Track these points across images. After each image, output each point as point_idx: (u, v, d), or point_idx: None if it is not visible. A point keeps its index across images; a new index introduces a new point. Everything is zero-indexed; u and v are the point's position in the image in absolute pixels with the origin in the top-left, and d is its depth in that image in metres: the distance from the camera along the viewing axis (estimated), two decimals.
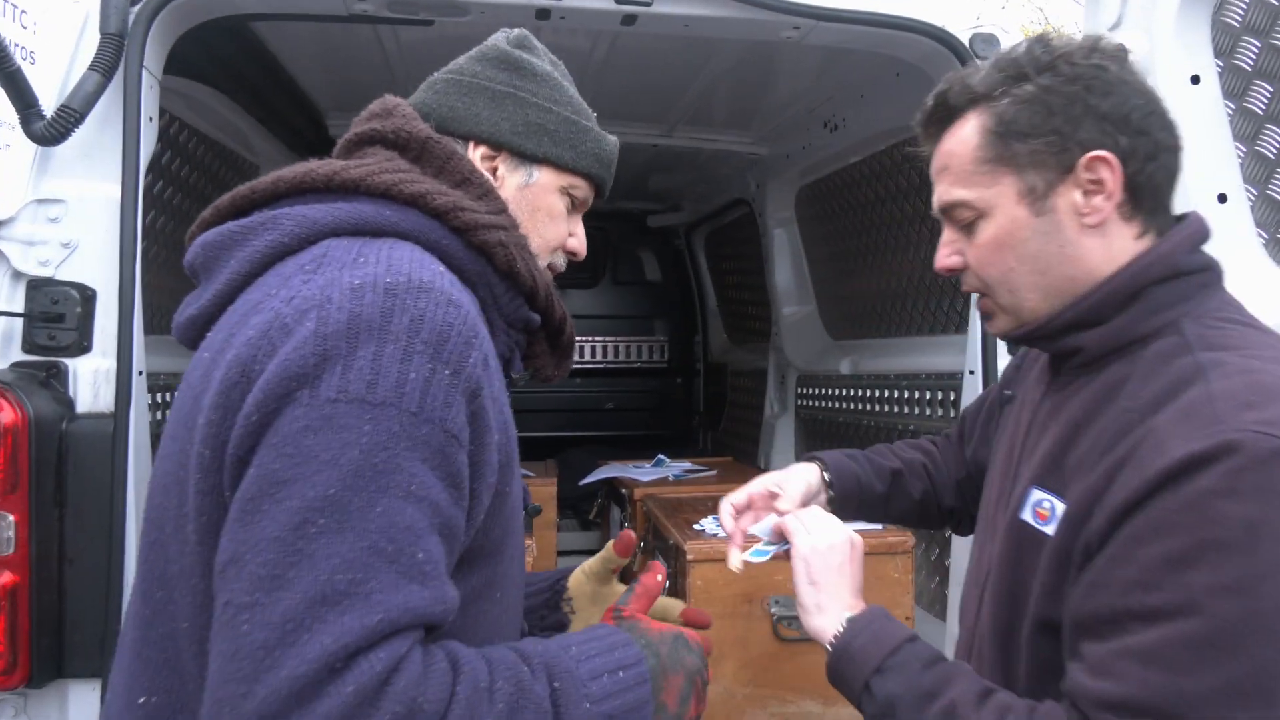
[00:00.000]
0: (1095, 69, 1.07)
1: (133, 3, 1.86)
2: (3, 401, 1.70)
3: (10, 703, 1.82)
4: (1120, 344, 1.09)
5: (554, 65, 1.26)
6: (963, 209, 1.14)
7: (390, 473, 0.86)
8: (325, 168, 1.05)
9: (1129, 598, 0.93)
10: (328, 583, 0.81)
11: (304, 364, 0.86)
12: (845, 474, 1.52)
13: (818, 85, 3.07)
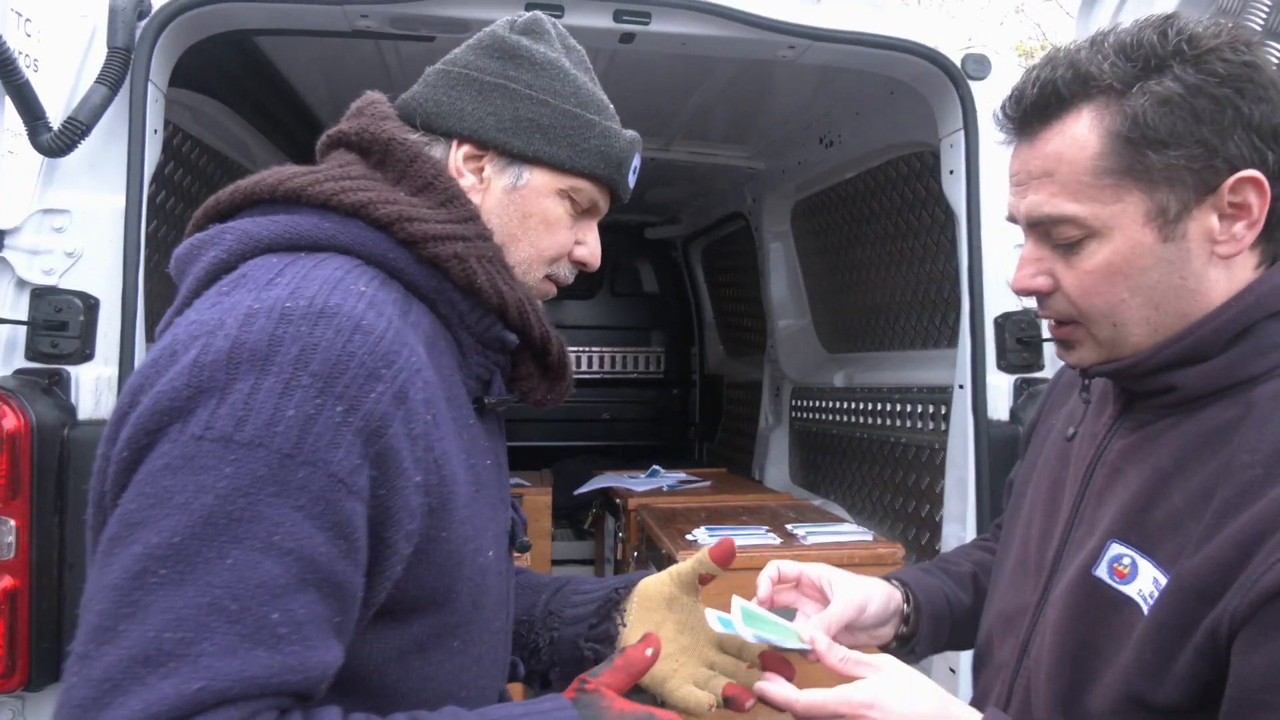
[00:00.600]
0: (1247, 68, 0.89)
1: (139, 17, 1.89)
2: (5, 408, 1.72)
3: (8, 705, 1.83)
4: (1223, 384, 0.94)
5: (566, 52, 1.13)
6: (1069, 226, 0.94)
7: (248, 521, 0.77)
8: (273, 176, 0.99)
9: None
10: (155, 640, 0.73)
11: (177, 396, 0.79)
12: (930, 591, 1.27)
13: (814, 102, 3.11)
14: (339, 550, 0.81)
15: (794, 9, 2.12)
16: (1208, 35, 0.90)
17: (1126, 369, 0.98)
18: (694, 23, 2.10)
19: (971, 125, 2.18)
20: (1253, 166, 0.89)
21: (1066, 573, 1.03)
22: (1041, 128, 0.95)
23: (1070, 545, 1.05)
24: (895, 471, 3.09)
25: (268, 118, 3.11)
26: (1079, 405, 1.15)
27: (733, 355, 5.25)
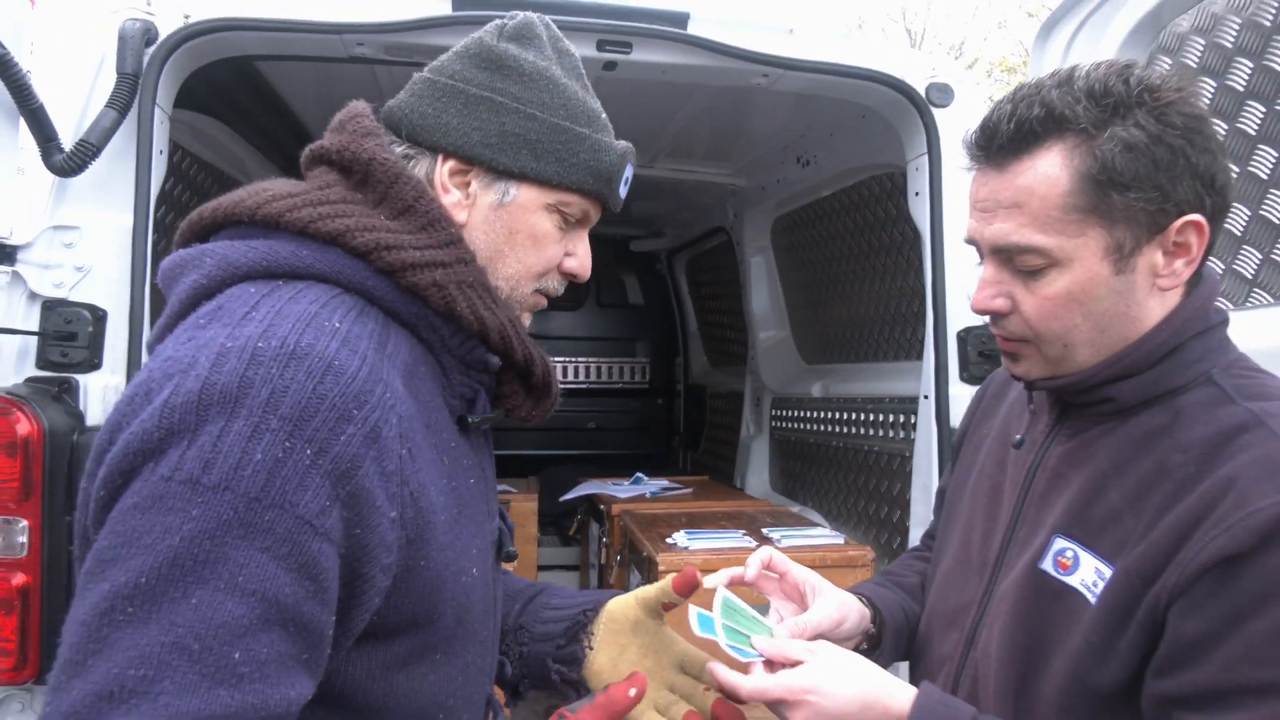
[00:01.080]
0: (1198, 121, 0.98)
1: (146, 44, 1.99)
2: (19, 414, 1.81)
3: (18, 698, 1.92)
4: (1153, 394, 1.04)
5: (558, 58, 1.10)
6: (1034, 255, 1.00)
7: (213, 563, 0.78)
8: (253, 199, 0.98)
9: (1236, 672, 0.89)
10: (118, 677, 0.74)
11: (148, 438, 0.80)
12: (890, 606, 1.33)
13: (790, 124, 3.24)
14: (305, 591, 0.81)
15: (767, 40, 2.25)
16: (1166, 88, 0.98)
17: (1071, 385, 1.07)
18: (672, 52, 2.22)
19: (935, 150, 2.31)
20: (1196, 211, 0.98)
21: (1012, 569, 1.11)
22: (1013, 160, 1.00)
23: (1014, 543, 1.13)
24: (868, 478, 3.21)
25: (263, 134, 3.21)
26: (1020, 414, 1.24)
27: (715, 366, 5.36)
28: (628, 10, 2.20)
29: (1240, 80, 1.78)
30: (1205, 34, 1.85)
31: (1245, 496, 0.90)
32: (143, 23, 1.98)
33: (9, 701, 1.92)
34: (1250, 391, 1.00)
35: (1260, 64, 1.73)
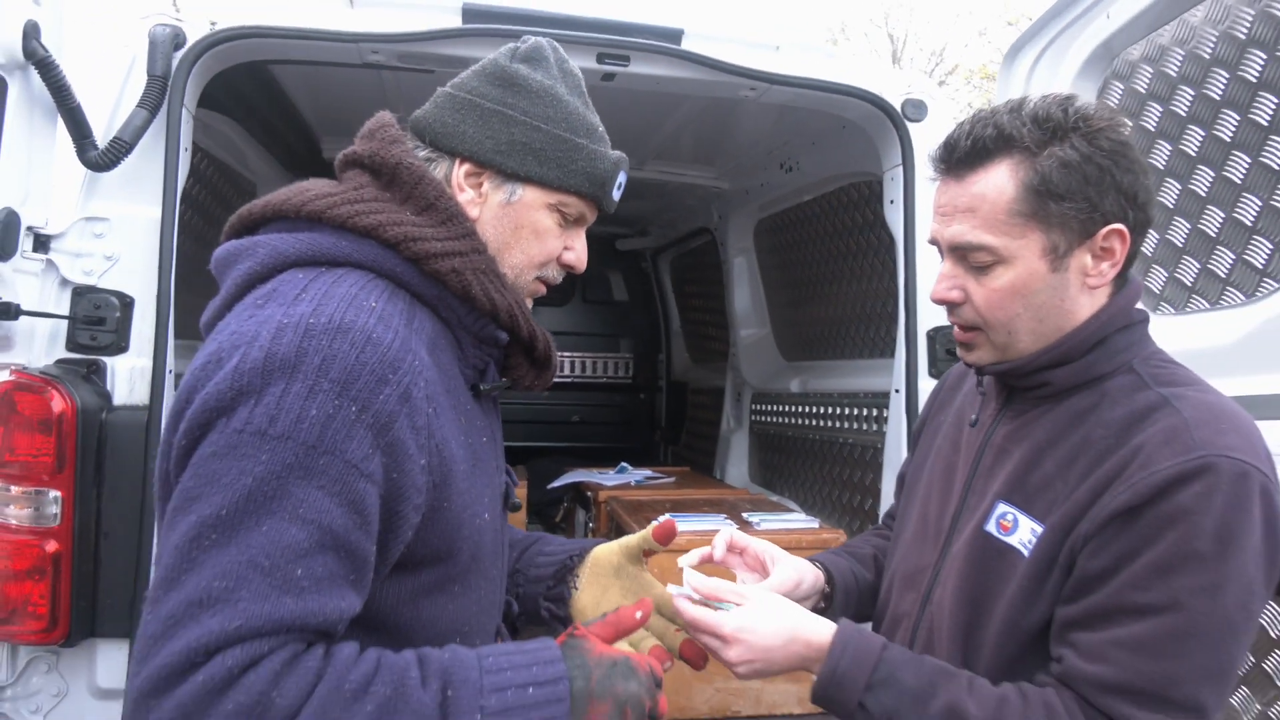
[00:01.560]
0: (1123, 146, 1.15)
1: (175, 48, 2.12)
2: (54, 392, 1.94)
3: (44, 659, 2.04)
4: (1083, 380, 1.21)
5: (562, 78, 1.24)
6: (984, 253, 1.17)
7: (278, 498, 0.93)
8: (298, 197, 1.13)
9: (1122, 596, 1.06)
10: (206, 589, 0.90)
11: (222, 398, 0.96)
12: (842, 571, 1.50)
13: (774, 132, 3.41)
14: (353, 522, 0.97)
15: (755, 56, 2.41)
16: (1097, 117, 1.16)
17: (1014, 369, 1.24)
18: (667, 66, 2.38)
19: (909, 161, 2.49)
20: (1120, 221, 1.15)
21: (963, 533, 1.27)
22: (969, 172, 1.18)
23: (965, 512, 1.30)
24: (842, 469, 3.39)
25: (268, 130, 3.33)
26: (973, 400, 1.40)
27: (697, 362, 5.53)
28: (626, 26, 2.36)
29: (1183, 106, 1.96)
30: (1153, 63, 2.03)
31: (1149, 460, 1.08)
32: (172, 28, 2.11)
33: (36, 663, 2.04)
34: (1163, 379, 1.18)
35: (1200, 92, 1.91)
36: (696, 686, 2.62)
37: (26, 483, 1.96)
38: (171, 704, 0.88)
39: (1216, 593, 1.03)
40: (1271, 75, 1.74)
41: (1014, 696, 1.12)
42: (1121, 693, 1.05)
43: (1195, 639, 1.04)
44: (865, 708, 1.15)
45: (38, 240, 2.02)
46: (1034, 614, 1.15)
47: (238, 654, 0.89)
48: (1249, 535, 1.05)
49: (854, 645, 1.18)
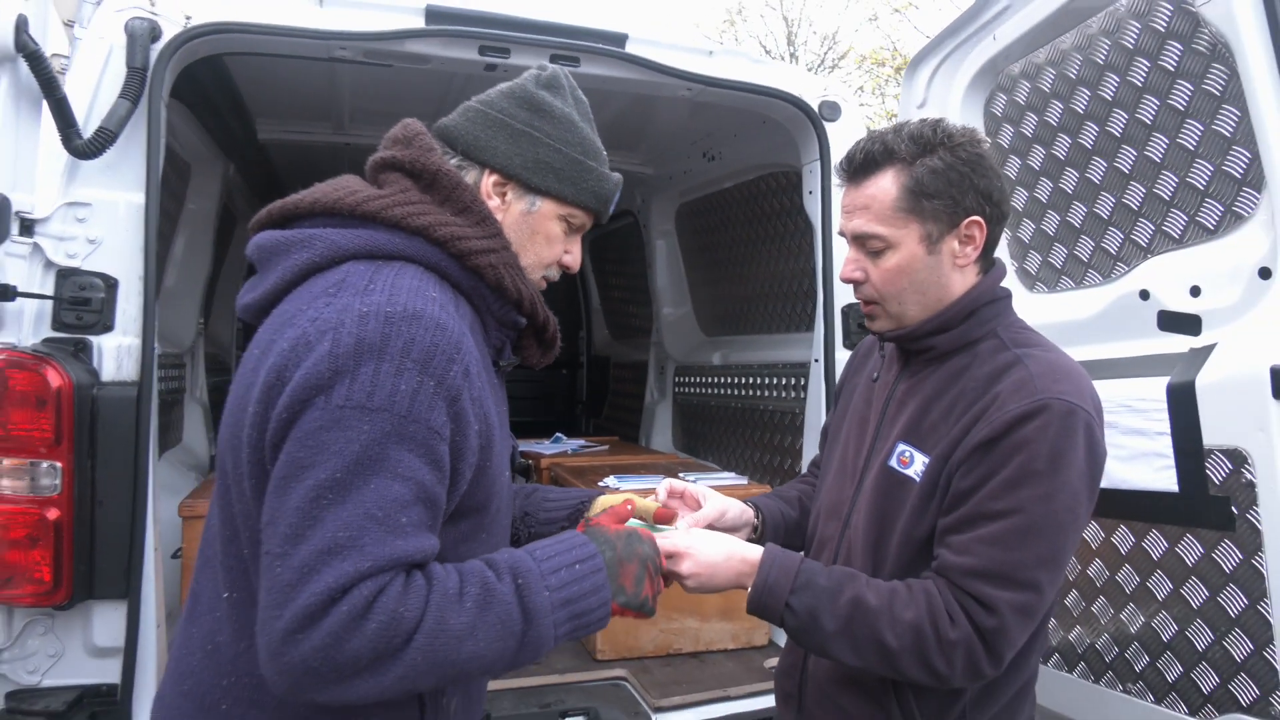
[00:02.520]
0: (979, 156, 1.46)
1: (152, 40, 2.22)
2: (50, 368, 2.06)
3: (42, 623, 2.16)
4: (960, 344, 1.51)
5: (576, 105, 1.42)
6: (876, 240, 1.47)
7: (382, 460, 1.11)
8: (350, 198, 1.28)
9: (982, 505, 1.36)
10: (332, 539, 1.08)
11: (320, 377, 1.11)
12: (770, 509, 1.78)
13: (698, 123, 3.69)
14: (435, 478, 1.16)
15: (692, 60, 2.68)
16: (958, 134, 1.47)
17: (907, 335, 1.54)
18: (613, 67, 2.62)
19: (826, 156, 2.81)
20: (978, 214, 1.47)
21: (872, 470, 1.56)
22: (864, 179, 1.49)
23: (874, 453, 1.57)
24: (763, 433, 3.73)
25: (212, 113, 3.40)
26: (877, 362, 1.71)
27: (618, 338, 5.80)
28: (575, 30, 2.58)
29: (1055, 116, 2.34)
30: (1030, 79, 2.40)
31: (1002, 404, 1.39)
32: (149, 21, 2.21)
33: (33, 625, 2.15)
34: (1019, 342, 1.50)
35: (1068, 106, 2.29)
36: (643, 628, 2.91)
37: (21, 455, 2.07)
38: (321, 633, 1.07)
39: (1049, 500, 1.34)
40: (1125, 95, 2.12)
41: (901, 587, 1.41)
42: (980, 576, 1.35)
43: (1034, 535, 1.34)
44: (790, 607, 1.42)
45: (24, 225, 2.11)
46: (923, 526, 1.46)
47: (370, 586, 1.09)
48: (1074, 457, 1.36)
49: (779, 560, 1.46)
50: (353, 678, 1.10)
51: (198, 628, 1.29)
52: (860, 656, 1.41)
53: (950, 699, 1.48)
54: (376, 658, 1.10)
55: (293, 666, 1.08)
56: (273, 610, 1.08)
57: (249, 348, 1.27)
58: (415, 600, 1.12)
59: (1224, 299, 1.90)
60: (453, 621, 1.14)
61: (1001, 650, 1.37)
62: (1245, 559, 1.80)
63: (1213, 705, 1.88)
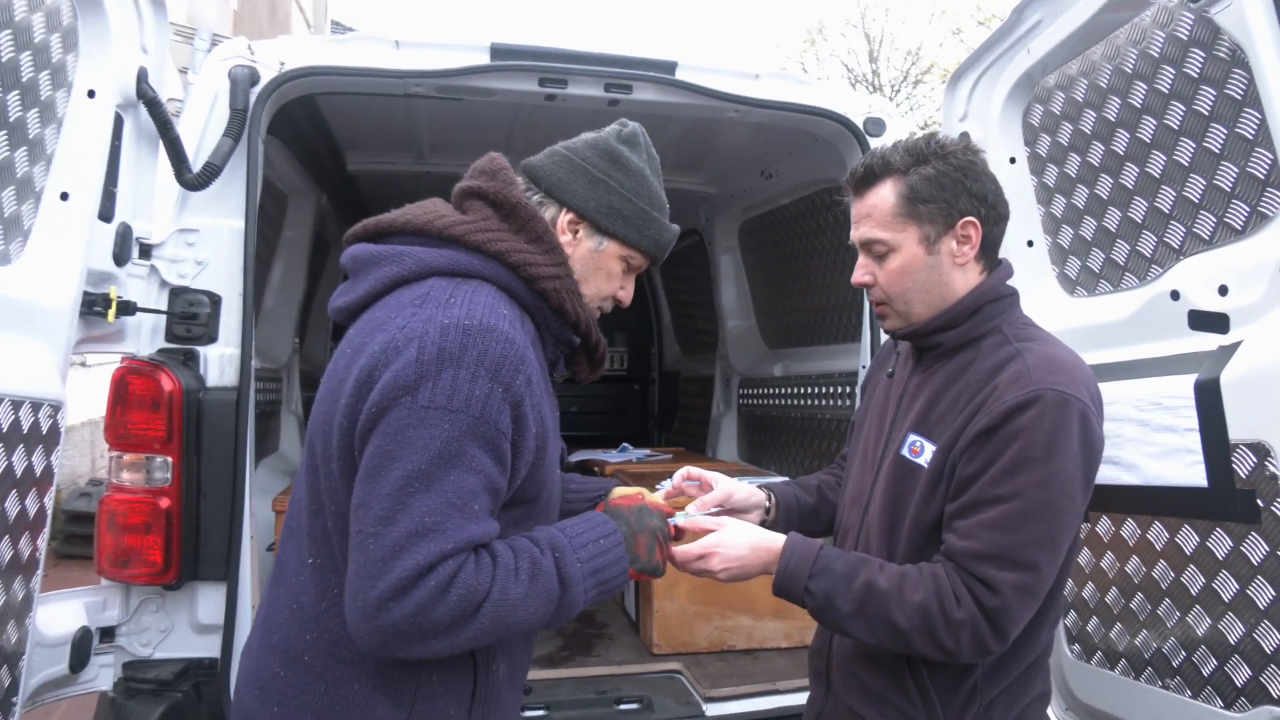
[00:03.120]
0: (970, 164, 1.59)
1: (251, 84, 2.51)
2: (164, 375, 2.34)
3: (153, 600, 2.44)
4: (966, 340, 1.61)
5: (649, 161, 1.59)
6: (879, 245, 1.60)
7: (459, 455, 1.28)
8: (439, 221, 1.47)
9: (983, 492, 1.46)
10: (420, 522, 1.26)
11: (407, 380, 1.28)
12: (785, 493, 1.91)
13: (755, 143, 3.84)
14: (499, 471, 1.34)
15: (738, 84, 2.84)
16: (950, 145, 1.60)
17: (915, 332, 1.66)
18: (663, 93, 2.80)
19: None
20: (972, 214, 1.59)
21: (888, 459, 1.66)
22: (867, 190, 1.63)
23: (890, 444, 1.68)
24: (819, 441, 3.82)
25: (305, 148, 3.73)
26: (894, 360, 1.83)
27: (687, 354, 5.95)
28: (628, 60, 2.77)
29: (1088, 125, 2.40)
30: (1065, 89, 2.47)
31: (1000, 395, 1.49)
32: (248, 68, 2.50)
33: (146, 604, 2.44)
34: (1021, 337, 1.59)
35: (1100, 114, 2.35)
36: (698, 625, 3.04)
37: (139, 451, 2.36)
38: (411, 603, 1.25)
39: (1045, 486, 1.43)
40: (1153, 102, 2.18)
41: (911, 571, 1.51)
42: (983, 559, 1.45)
43: (1031, 518, 1.44)
44: (810, 591, 1.54)
45: (143, 249, 2.42)
46: (930, 511, 1.56)
47: (452, 564, 1.28)
48: (1069, 444, 1.45)
49: (799, 548, 1.58)
50: (432, 639, 1.29)
51: (283, 589, 1.48)
52: (874, 635, 1.52)
53: (962, 674, 1.58)
54: (454, 623, 1.29)
55: (384, 629, 1.27)
56: (367, 581, 1.26)
57: (341, 346, 1.46)
58: (485, 575, 1.31)
59: (1250, 296, 1.94)
60: (511, 592, 1.34)
61: (1005, 627, 1.47)
62: (1271, 550, 1.83)
63: (1246, 698, 1.91)
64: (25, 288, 1.99)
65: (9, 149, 1.93)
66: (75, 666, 2.26)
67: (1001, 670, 1.59)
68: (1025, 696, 1.62)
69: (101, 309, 2.23)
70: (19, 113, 1.95)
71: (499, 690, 1.52)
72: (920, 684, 1.60)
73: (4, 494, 1.85)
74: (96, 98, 2.19)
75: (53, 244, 2.09)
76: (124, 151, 2.29)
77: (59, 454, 2.08)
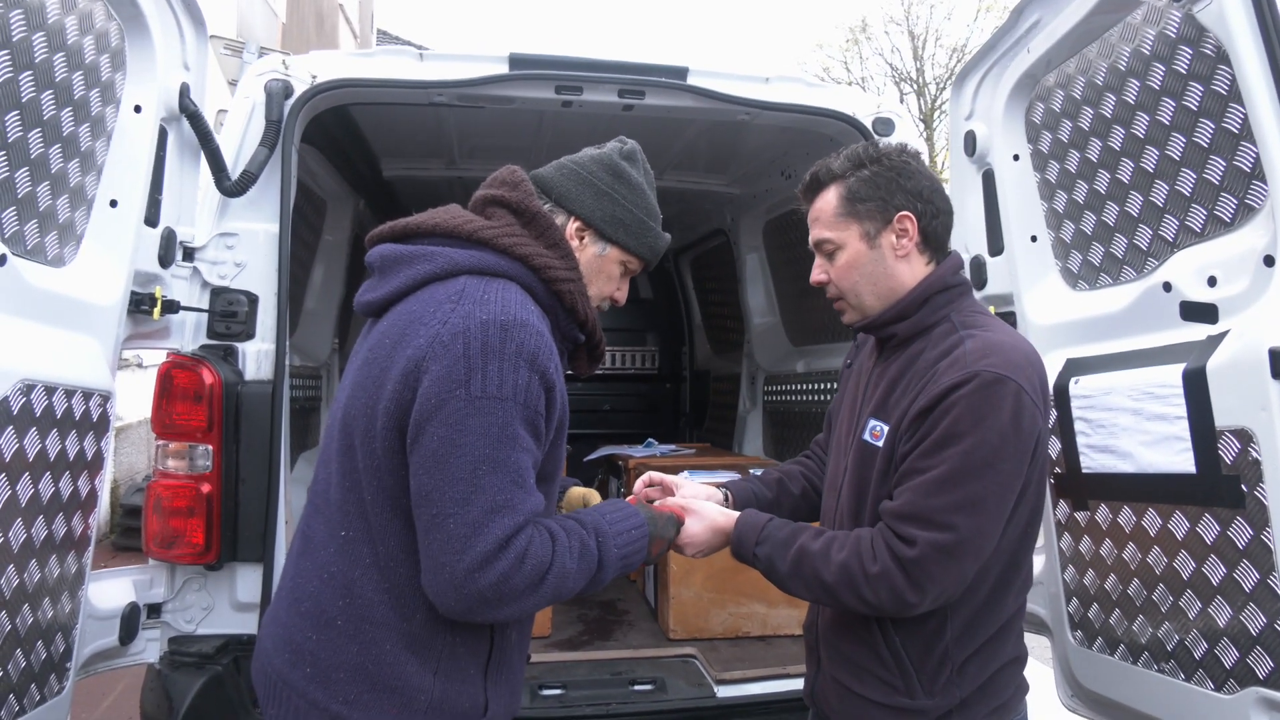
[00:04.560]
0: (904, 163, 1.74)
1: (285, 97, 2.68)
2: (204, 369, 2.51)
3: (196, 580, 2.61)
4: (918, 330, 1.73)
5: (645, 175, 1.75)
6: (828, 244, 1.77)
7: (514, 438, 1.43)
8: (470, 225, 1.60)
9: (914, 463, 1.60)
10: (493, 499, 1.41)
11: (459, 374, 1.42)
12: (741, 489, 2.09)
13: (774, 145, 3.92)
14: (539, 449, 1.51)
15: (748, 88, 2.93)
16: (886, 149, 1.75)
17: (870, 324, 1.78)
18: (676, 98, 2.91)
19: None
20: (908, 209, 1.72)
21: (854, 445, 1.78)
22: (815, 196, 1.79)
23: (855, 430, 1.80)
24: None
25: (342, 157, 3.91)
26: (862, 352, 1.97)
27: (718, 353, 6.03)
28: (641, 66, 2.89)
29: (1086, 121, 2.45)
30: (1064, 87, 2.52)
31: (939, 378, 1.60)
32: (283, 82, 2.67)
33: (190, 583, 2.61)
34: (968, 324, 1.69)
35: (1097, 111, 2.40)
36: (713, 612, 3.13)
37: (182, 439, 2.53)
38: (496, 572, 1.41)
39: (969, 455, 1.54)
40: (1145, 99, 2.22)
41: (840, 535, 1.65)
42: (904, 518, 1.57)
43: (950, 483, 1.54)
44: (757, 555, 1.72)
45: (186, 252, 2.60)
46: (886, 489, 1.68)
47: (524, 536, 1.45)
48: (996, 419, 1.54)
49: (748, 520, 1.77)
50: (508, 604, 1.46)
51: (310, 561, 1.60)
52: (810, 592, 1.69)
53: (933, 639, 1.67)
54: (527, 589, 1.46)
55: (471, 596, 1.43)
56: (452, 555, 1.41)
57: (374, 337, 1.58)
58: (547, 549, 1.49)
59: (1236, 287, 1.98)
60: (568, 565, 1.52)
61: (920, 580, 1.56)
62: (1255, 534, 1.87)
63: (1235, 680, 1.95)
64: (78, 287, 2.17)
65: (63, 160, 2.11)
66: (124, 639, 2.44)
67: (970, 635, 1.68)
68: (997, 660, 1.71)
69: (148, 307, 2.42)
70: (72, 127, 2.12)
71: (511, 653, 1.67)
72: (894, 651, 1.70)
73: (58, 475, 2.03)
74: (142, 112, 2.37)
75: (103, 247, 2.27)
76: (168, 161, 2.47)
77: (109, 441, 2.26)
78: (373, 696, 1.52)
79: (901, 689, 1.69)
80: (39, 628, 2.01)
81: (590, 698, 2.69)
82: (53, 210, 2.09)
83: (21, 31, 1.93)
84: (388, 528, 1.52)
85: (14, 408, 1.86)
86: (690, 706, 2.72)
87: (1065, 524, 2.47)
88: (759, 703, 2.76)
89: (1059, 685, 2.63)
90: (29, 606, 1.96)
